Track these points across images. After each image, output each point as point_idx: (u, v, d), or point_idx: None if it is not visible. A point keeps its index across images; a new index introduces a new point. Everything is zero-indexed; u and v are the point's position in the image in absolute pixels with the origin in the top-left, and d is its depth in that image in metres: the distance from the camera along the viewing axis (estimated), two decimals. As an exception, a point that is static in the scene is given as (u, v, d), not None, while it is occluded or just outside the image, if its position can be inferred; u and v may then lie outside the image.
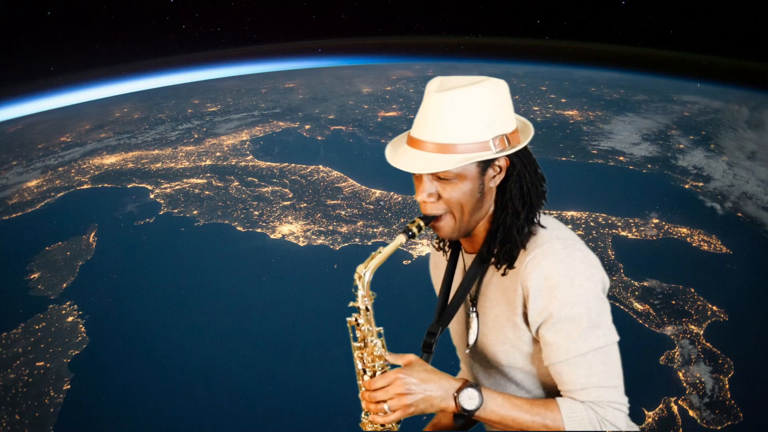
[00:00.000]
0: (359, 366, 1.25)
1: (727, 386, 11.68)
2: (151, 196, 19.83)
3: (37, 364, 12.45)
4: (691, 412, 11.30)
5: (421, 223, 1.24)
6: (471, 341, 1.32)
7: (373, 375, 1.23)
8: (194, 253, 16.82)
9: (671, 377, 11.98)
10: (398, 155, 1.26)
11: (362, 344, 1.25)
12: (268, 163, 22.25)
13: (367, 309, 1.25)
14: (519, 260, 1.21)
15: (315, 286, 14.97)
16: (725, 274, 14.56)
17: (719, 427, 11.01)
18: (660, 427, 11.03)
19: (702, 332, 12.90)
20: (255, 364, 12.69)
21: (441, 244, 1.46)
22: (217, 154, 23.32)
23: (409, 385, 1.14)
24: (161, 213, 18.85)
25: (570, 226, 1.30)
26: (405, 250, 15.83)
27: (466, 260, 1.38)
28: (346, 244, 16.63)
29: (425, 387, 1.14)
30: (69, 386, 11.91)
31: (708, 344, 12.61)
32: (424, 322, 1.33)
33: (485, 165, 1.22)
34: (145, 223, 18.36)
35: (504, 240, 1.23)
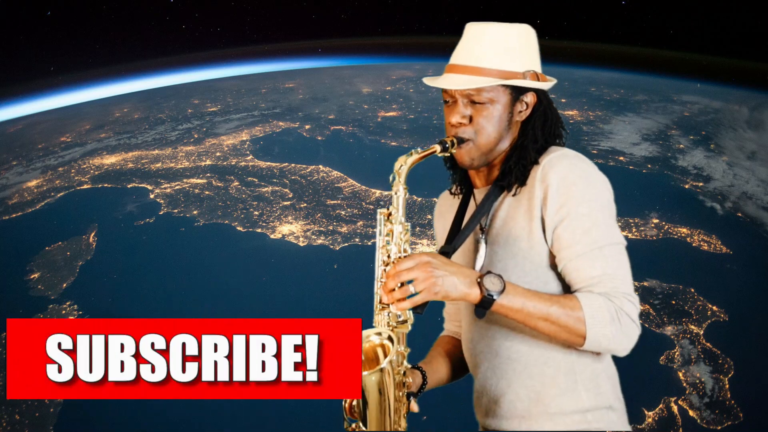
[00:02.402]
0: (382, 258, 1.23)
1: (727, 386, 11.68)
2: (151, 196, 19.83)
3: (37, 364, 12.45)
4: (691, 412, 11.30)
5: (455, 140, 1.28)
6: (478, 266, 1.33)
7: None
8: (194, 253, 16.82)
9: (671, 377, 11.99)
10: (437, 80, 1.31)
11: (389, 236, 1.24)
12: (268, 163, 22.26)
13: (398, 192, 1.24)
14: (533, 171, 1.27)
15: (315, 286, 14.97)
16: (725, 274, 14.57)
17: (719, 427, 11.01)
18: (660, 427, 11.02)
19: (702, 332, 12.90)
20: (255, 364, 12.68)
21: (455, 188, 1.48)
22: (217, 154, 23.32)
23: (435, 264, 1.13)
24: (161, 213, 18.85)
25: None
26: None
27: (477, 197, 1.41)
28: (346, 244, 16.64)
29: (450, 269, 1.14)
30: (69, 386, 11.91)
31: (708, 344, 12.61)
32: (424, 319, 1.32)
33: (516, 96, 1.29)
34: (145, 223, 18.36)
35: (519, 157, 1.29)
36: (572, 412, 1.24)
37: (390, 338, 1.20)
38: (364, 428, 1.23)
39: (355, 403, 1.24)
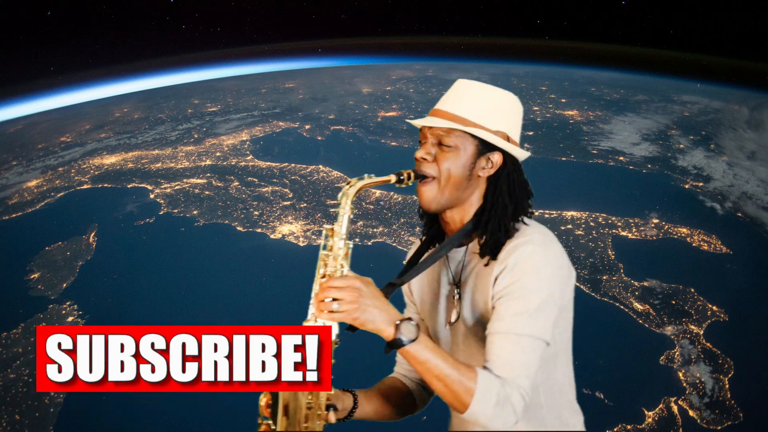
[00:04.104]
0: (321, 271, 1.34)
1: (727, 386, 11.69)
2: (151, 196, 19.84)
3: (37, 364, 12.46)
4: (691, 412, 11.31)
5: (412, 174, 1.37)
6: (453, 319, 1.43)
7: None
8: (194, 253, 16.82)
9: (671, 377, 11.99)
10: (415, 120, 1.42)
11: (329, 251, 1.34)
12: (268, 163, 22.26)
13: (344, 213, 1.34)
14: (504, 248, 1.33)
15: (315, 286, 14.95)
16: (725, 274, 14.57)
17: (719, 427, 11.01)
18: (660, 427, 11.03)
19: (702, 332, 12.90)
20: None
21: (425, 237, 1.56)
22: (217, 154, 23.32)
23: (362, 294, 1.22)
24: (161, 213, 18.86)
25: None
26: (404, 249, 15.84)
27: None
28: (346, 244, 16.62)
29: (375, 303, 1.22)
30: (69, 386, 11.91)
31: (708, 344, 12.61)
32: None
33: (482, 151, 1.36)
34: (145, 223, 18.36)
35: (495, 228, 1.35)
36: None
37: None
38: (274, 427, 1.32)
39: (272, 402, 1.32)
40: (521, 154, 1.39)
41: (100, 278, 15.60)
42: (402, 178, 1.36)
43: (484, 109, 1.36)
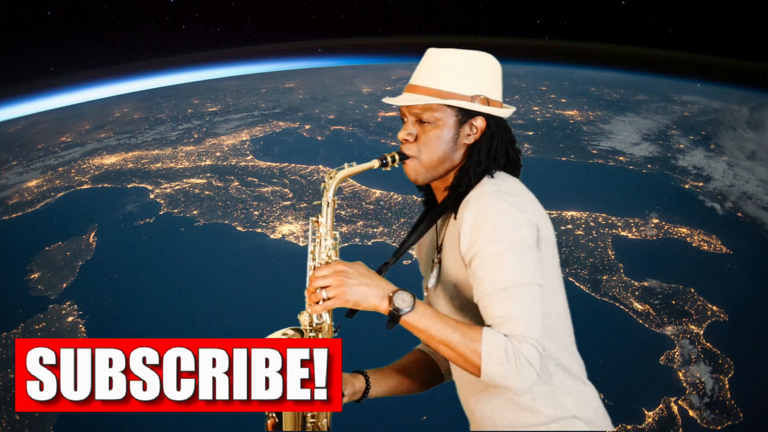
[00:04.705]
0: (310, 263, 1.34)
1: (727, 386, 11.69)
2: (151, 196, 19.83)
3: (37, 364, 12.46)
4: (691, 412, 11.31)
5: (397, 156, 1.36)
6: (430, 285, 1.43)
7: None
8: (194, 253, 16.82)
9: (671, 377, 11.99)
10: (388, 98, 1.39)
11: (317, 242, 1.35)
12: (268, 163, 22.25)
13: (327, 204, 1.37)
14: (462, 202, 1.32)
15: (315, 286, 14.94)
16: (725, 274, 14.57)
17: (719, 427, 11.01)
18: (660, 427, 11.03)
19: (702, 332, 12.90)
20: (255, 364, 12.68)
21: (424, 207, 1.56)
22: (217, 154, 23.32)
23: (348, 274, 1.21)
24: (161, 213, 18.85)
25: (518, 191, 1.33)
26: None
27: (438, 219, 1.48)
28: (346, 244, 16.64)
29: (363, 280, 1.21)
30: (69, 386, 11.92)
31: (708, 344, 12.61)
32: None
33: (463, 119, 1.34)
34: (145, 223, 18.36)
35: (459, 182, 1.34)
36: (537, 424, 1.31)
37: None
38: (278, 420, 1.33)
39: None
40: (504, 113, 1.36)
41: (100, 278, 15.60)
42: (386, 161, 1.36)
43: (457, 76, 1.33)
